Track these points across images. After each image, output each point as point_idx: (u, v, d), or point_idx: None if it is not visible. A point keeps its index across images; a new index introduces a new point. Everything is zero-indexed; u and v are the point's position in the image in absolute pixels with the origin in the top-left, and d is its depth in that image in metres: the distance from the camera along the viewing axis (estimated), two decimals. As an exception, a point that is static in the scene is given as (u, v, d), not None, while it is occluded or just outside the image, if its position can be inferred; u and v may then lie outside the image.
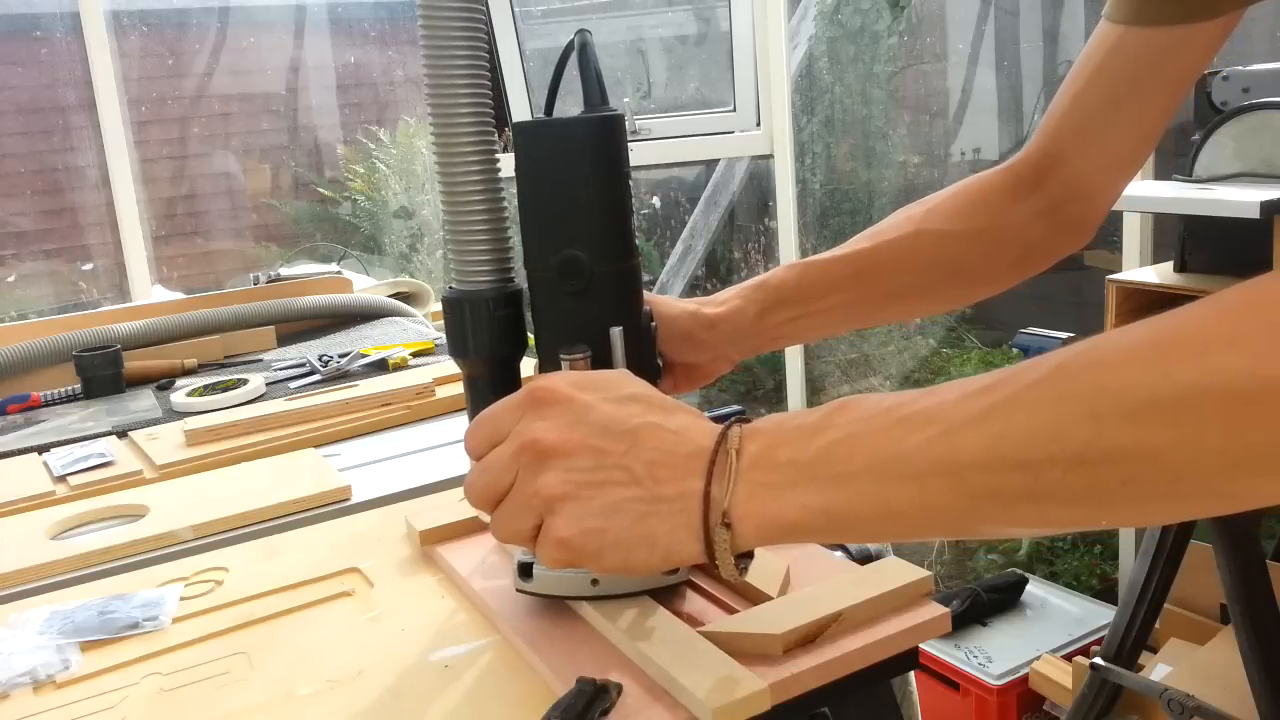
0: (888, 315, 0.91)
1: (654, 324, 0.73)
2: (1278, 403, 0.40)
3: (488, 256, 0.69)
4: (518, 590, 0.70)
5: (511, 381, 0.71)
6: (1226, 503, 0.45)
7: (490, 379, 0.70)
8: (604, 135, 0.66)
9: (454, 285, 0.70)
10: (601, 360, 0.67)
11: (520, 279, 0.70)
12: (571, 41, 0.69)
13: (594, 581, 0.67)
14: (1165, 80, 0.77)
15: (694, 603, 0.70)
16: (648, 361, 0.70)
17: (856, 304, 0.84)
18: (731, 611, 0.67)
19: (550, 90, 0.70)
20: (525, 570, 0.69)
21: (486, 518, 0.57)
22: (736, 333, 0.83)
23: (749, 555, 0.55)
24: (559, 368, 0.67)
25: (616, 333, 0.67)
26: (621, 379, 0.58)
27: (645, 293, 0.74)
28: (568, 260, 0.66)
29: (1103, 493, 0.45)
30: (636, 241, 0.70)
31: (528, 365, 0.70)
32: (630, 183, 0.68)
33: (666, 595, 0.69)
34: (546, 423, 0.54)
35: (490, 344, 0.69)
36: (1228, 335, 0.42)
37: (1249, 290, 0.43)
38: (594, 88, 0.68)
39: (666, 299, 0.82)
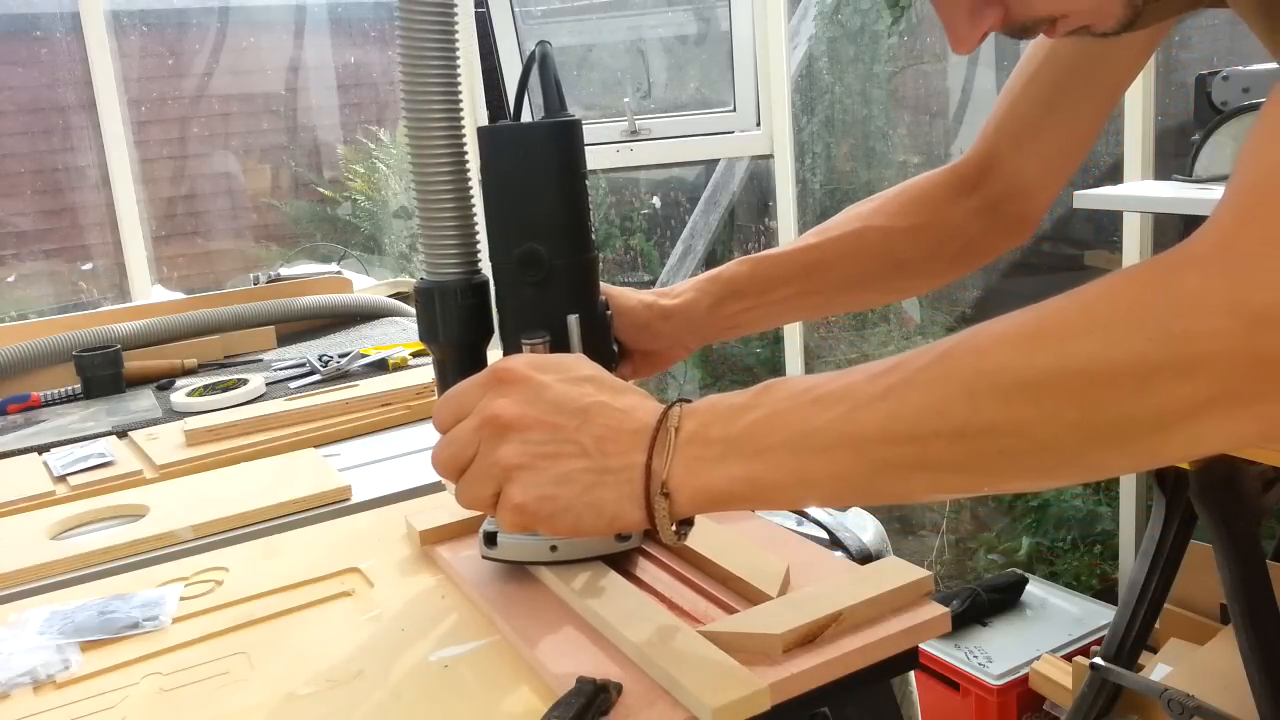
0: (836, 306, 0.97)
1: (610, 313, 0.79)
2: (1124, 383, 0.46)
3: (456, 250, 0.75)
4: (484, 558, 0.75)
5: (478, 365, 0.75)
6: (1089, 473, 0.51)
7: (458, 362, 0.76)
8: (562, 139, 0.72)
9: (425, 276, 0.76)
10: (559, 345, 0.73)
11: (487, 270, 0.76)
12: (533, 52, 0.74)
13: (553, 548, 0.72)
14: (1095, 86, 0.84)
15: (694, 602, 0.70)
16: (603, 347, 0.77)
17: (806, 296, 0.90)
18: (731, 611, 0.67)
19: (516, 97, 0.76)
20: (490, 539, 0.74)
21: (452, 487, 0.62)
22: (691, 323, 0.88)
23: (689, 523, 0.60)
24: (521, 351, 0.72)
25: (573, 320, 0.73)
26: (576, 362, 0.63)
27: (605, 285, 0.81)
28: (528, 253, 0.72)
29: (982, 463, 0.50)
30: (594, 237, 0.76)
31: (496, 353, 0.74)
32: (587, 182, 0.74)
33: (621, 561, 0.75)
34: (506, 400, 0.59)
35: (458, 330, 0.75)
36: (1083, 323, 0.48)
37: (1105, 282, 0.48)
38: (553, 95, 0.74)
39: (625, 290, 0.87)
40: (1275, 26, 0.61)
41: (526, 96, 0.76)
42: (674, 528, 0.58)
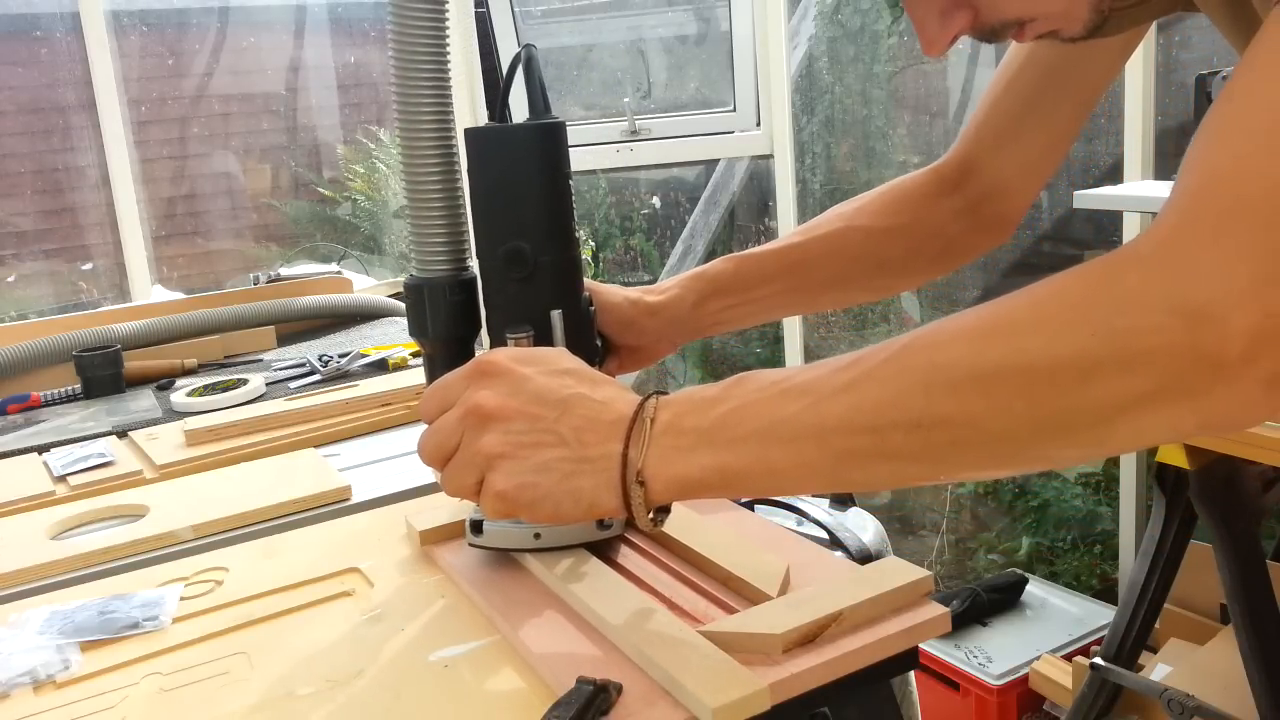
0: (819, 304, 1.01)
1: (593, 309, 0.81)
2: (1069, 376, 0.48)
3: (444, 248, 0.76)
4: (470, 545, 0.77)
5: (466, 359, 0.78)
6: (1041, 463, 0.53)
7: (447, 357, 0.77)
8: (546, 140, 0.74)
9: (414, 273, 0.77)
10: (543, 339, 0.75)
11: (474, 267, 0.78)
12: (518, 55, 0.76)
13: (536, 535, 0.74)
14: (1073, 89, 0.86)
15: (694, 602, 0.70)
16: (585, 341, 0.79)
17: (789, 293, 0.92)
18: (731, 611, 0.67)
19: (501, 98, 0.77)
20: (476, 528, 0.76)
21: (438, 476, 0.64)
22: (675, 319, 0.89)
23: (665, 510, 0.62)
24: (505, 345, 0.74)
25: (556, 315, 0.75)
26: (558, 355, 0.65)
27: (591, 281, 0.83)
28: (513, 251, 0.74)
29: (937, 453, 0.52)
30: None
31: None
32: (570, 182, 0.76)
33: (617, 558, 0.77)
34: (489, 391, 0.61)
35: (446, 326, 0.77)
36: (1032, 319, 0.50)
37: (1056, 280, 0.50)
38: (538, 97, 0.75)
39: (611, 287, 0.88)
40: (1240, 28, 0.62)
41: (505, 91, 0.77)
42: (650, 515, 0.60)
